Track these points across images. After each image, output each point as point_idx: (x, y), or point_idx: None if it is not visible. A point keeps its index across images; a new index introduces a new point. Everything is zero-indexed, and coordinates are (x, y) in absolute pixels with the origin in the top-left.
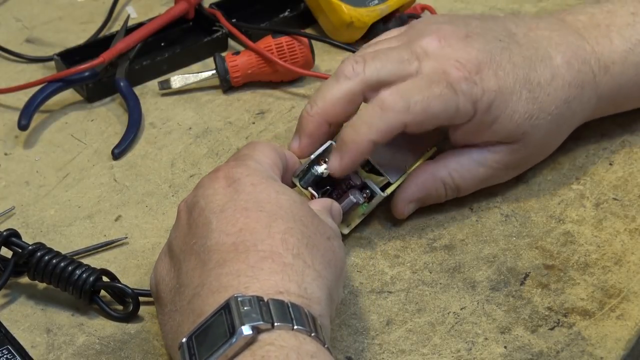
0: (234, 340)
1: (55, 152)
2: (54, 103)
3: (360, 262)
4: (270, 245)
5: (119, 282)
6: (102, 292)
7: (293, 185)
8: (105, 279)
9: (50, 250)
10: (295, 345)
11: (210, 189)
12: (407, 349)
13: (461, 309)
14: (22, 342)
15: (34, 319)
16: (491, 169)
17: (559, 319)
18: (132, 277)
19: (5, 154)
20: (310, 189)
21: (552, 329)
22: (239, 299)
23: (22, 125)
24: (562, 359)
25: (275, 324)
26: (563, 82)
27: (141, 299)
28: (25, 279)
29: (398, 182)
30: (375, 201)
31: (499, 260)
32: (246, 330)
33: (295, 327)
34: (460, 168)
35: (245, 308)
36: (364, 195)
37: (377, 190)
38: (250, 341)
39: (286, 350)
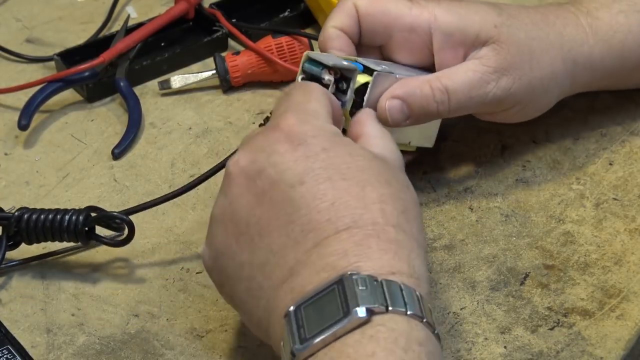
0: (347, 321)
1: (55, 152)
2: (54, 103)
3: None
4: (371, 220)
5: (107, 211)
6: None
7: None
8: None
9: (34, 209)
10: (406, 330)
11: (276, 154)
12: None
13: (461, 309)
14: (22, 342)
15: (34, 319)
16: (479, 72)
17: (559, 319)
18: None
19: (5, 154)
20: (301, 79)
21: (552, 329)
22: (353, 276)
23: (22, 125)
24: (562, 359)
25: (390, 308)
26: (531, 8)
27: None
28: (24, 279)
29: None
30: None
31: (499, 260)
32: (361, 312)
33: (409, 312)
34: (447, 71)
35: (360, 287)
36: None
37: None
38: (363, 323)
39: (396, 333)
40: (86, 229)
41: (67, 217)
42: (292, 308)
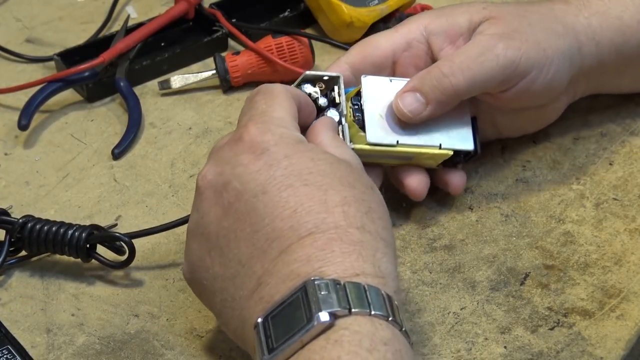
0: (310, 326)
1: (55, 152)
2: (54, 103)
3: None
4: (333, 223)
5: (110, 231)
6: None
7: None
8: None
9: (39, 219)
10: (370, 331)
11: (240, 165)
12: None
13: (461, 309)
14: (22, 342)
15: (34, 319)
16: (483, 40)
17: (559, 319)
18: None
19: (5, 154)
20: None
21: (552, 329)
22: (316, 282)
23: (22, 125)
24: (562, 359)
25: (353, 310)
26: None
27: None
28: (24, 279)
29: (374, 148)
30: None
31: (499, 260)
32: (323, 316)
33: (373, 312)
34: (453, 53)
35: (322, 293)
36: None
37: (347, 138)
38: (327, 327)
39: (360, 335)
40: (88, 245)
41: (70, 231)
42: (260, 319)
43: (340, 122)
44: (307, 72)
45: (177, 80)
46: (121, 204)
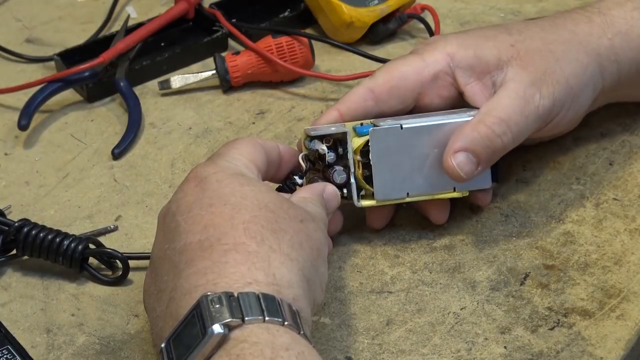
0: (205, 340)
1: (55, 152)
2: (54, 103)
3: (360, 262)
4: (233, 237)
5: (106, 248)
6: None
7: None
8: (92, 246)
9: (35, 224)
10: (268, 339)
11: (181, 192)
12: (407, 349)
13: (461, 309)
14: (22, 342)
15: (34, 319)
16: (519, 91)
17: (559, 319)
18: None
19: (5, 154)
20: (302, 157)
21: (552, 329)
22: (209, 297)
23: (22, 125)
24: (562, 359)
25: (246, 318)
26: (537, 19)
27: (131, 262)
28: (23, 279)
29: (383, 203)
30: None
31: (499, 260)
32: (217, 329)
33: (267, 318)
34: (489, 106)
35: (215, 306)
36: (340, 194)
37: (355, 197)
38: (223, 340)
39: (260, 346)
40: (81, 257)
41: (65, 242)
42: (163, 344)
43: (348, 180)
44: (312, 132)
45: (177, 80)
46: (121, 204)
